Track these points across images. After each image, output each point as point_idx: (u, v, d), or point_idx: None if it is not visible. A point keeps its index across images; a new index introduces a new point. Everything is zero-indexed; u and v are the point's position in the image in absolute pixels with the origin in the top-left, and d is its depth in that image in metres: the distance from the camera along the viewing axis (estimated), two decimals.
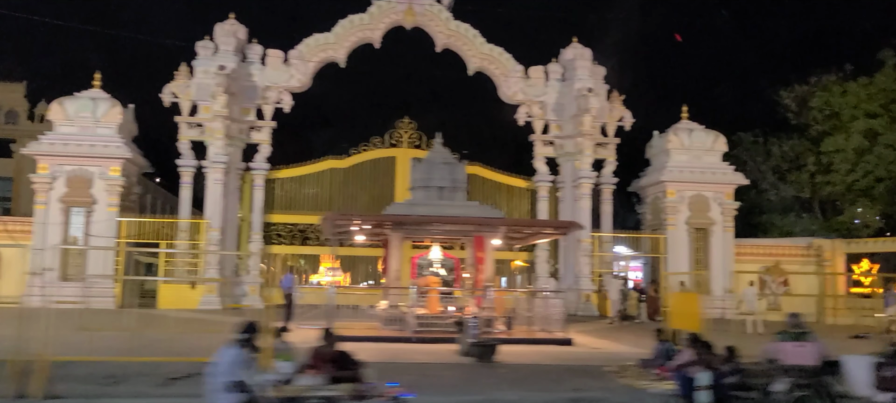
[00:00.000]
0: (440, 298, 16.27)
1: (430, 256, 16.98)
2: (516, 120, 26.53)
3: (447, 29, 25.92)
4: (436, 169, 16.49)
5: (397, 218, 14.71)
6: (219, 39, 24.46)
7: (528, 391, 8.32)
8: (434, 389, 8.31)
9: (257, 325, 6.10)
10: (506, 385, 8.77)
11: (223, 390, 5.38)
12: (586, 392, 8.25)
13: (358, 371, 7.16)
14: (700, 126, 26.20)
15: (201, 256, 23.28)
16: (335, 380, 6.87)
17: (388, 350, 12.82)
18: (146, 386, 8.91)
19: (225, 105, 23.30)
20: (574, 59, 26.14)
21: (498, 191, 26.60)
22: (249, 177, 24.94)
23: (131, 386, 8.86)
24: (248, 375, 5.48)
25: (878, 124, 24.51)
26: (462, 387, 8.52)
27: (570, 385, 8.66)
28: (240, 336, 5.75)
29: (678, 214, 25.38)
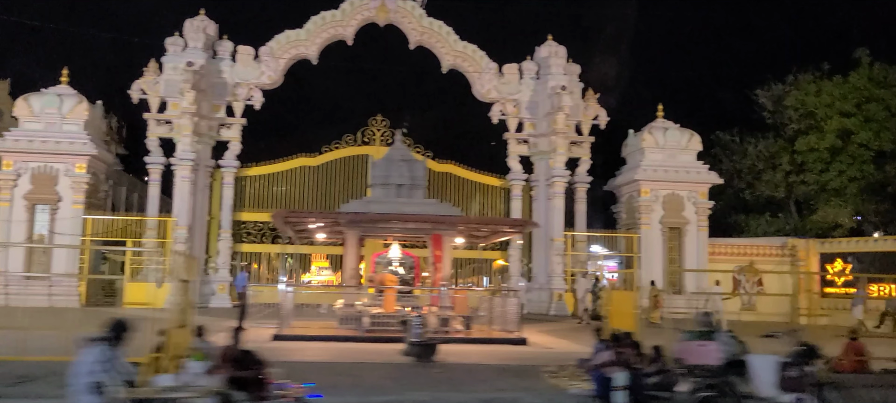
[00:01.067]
0: (398, 297, 16.05)
1: (390, 255, 16.76)
2: (490, 118, 26.33)
3: (420, 26, 25.70)
4: (394, 166, 16.28)
5: (348, 216, 14.49)
6: (188, 35, 24.22)
7: (446, 391, 8.12)
8: (354, 389, 8.11)
9: (125, 323, 5.88)
10: (429, 384, 8.56)
11: (84, 391, 5.17)
12: (505, 393, 8.05)
13: (260, 371, 6.94)
14: (675, 124, 26.05)
15: (167, 254, 22.99)
16: (232, 380, 6.65)
17: (334, 350, 12.62)
18: None
19: (193, 101, 23.04)
20: (548, 57, 25.97)
21: (472, 190, 26.40)
22: (219, 175, 24.71)
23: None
24: (109, 375, 5.27)
25: (852, 123, 24.34)
26: (383, 387, 8.31)
27: (495, 386, 8.46)
28: (104, 334, 5.54)
29: (652, 213, 25.21)
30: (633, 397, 7.11)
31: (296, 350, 12.14)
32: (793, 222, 27.03)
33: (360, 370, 9.93)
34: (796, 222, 26.92)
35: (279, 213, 14.60)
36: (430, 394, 7.88)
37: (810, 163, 25.23)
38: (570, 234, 25.37)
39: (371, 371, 9.84)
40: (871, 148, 24.18)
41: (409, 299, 15.95)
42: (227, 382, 6.62)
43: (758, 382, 6.55)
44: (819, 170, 24.84)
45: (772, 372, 6.50)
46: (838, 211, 24.73)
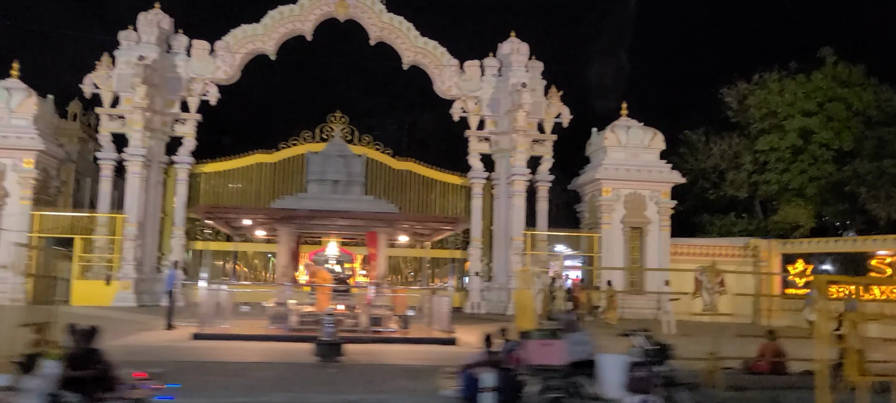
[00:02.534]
0: (335, 295, 15.70)
1: (327, 252, 16.41)
2: (451, 115, 26.00)
3: (380, 21, 25.36)
4: (331, 162, 15.95)
5: (279, 211, 14.14)
6: (141, 29, 23.81)
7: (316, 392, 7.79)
8: (225, 389, 7.77)
9: None
10: (311, 384, 8.23)
11: None
12: (379, 395, 7.73)
13: (102, 371, 6.58)
14: (638, 123, 25.75)
15: (116, 251, 22.63)
16: (69, 381, 6.30)
17: (250, 349, 12.28)
18: None
19: (145, 96, 22.68)
20: (510, 54, 25.61)
21: (432, 188, 26.07)
22: (173, 171, 24.32)
23: None
24: None
25: (813, 123, 24.07)
26: (257, 387, 7.97)
27: (375, 387, 8.14)
28: None
29: (613, 213, 24.92)
30: (502, 397, 6.78)
31: (206, 350, 11.80)
32: (755, 222, 26.75)
33: (256, 369, 9.59)
34: (759, 222, 26.65)
35: (201, 208, 14.25)
36: (292, 395, 7.55)
37: (772, 163, 24.96)
38: (531, 233, 25.04)
39: (266, 370, 9.51)
40: (831, 147, 23.91)
41: (346, 297, 15.59)
42: (61, 382, 6.27)
43: (605, 383, 6.24)
44: (780, 170, 24.57)
45: (620, 373, 6.19)
46: (799, 211, 24.45)
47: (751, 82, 26.87)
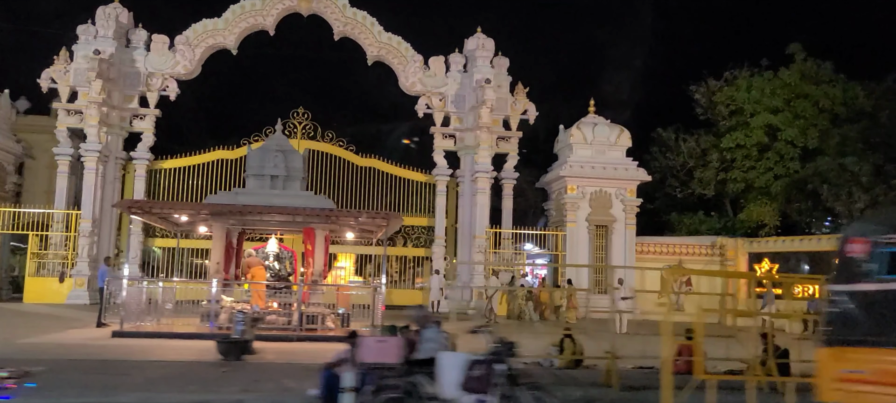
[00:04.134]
0: (274, 292, 15.39)
1: (267, 248, 16.10)
2: (416, 112, 25.69)
3: (344, 16, 25.05)
4: (269, 156, 15.62)
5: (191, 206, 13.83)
6: (99, 23, 23.51)
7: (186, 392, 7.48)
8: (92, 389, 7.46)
9: None
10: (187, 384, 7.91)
11: None
12: (247, 395, 7.42)
13: None
14: (605, 120, 25.45)
15: (71, 248, 22.34)
16: None
17: (167, 347, 11.96)
18: None
19: (101, 91, 22.38)
20: (475, 50, 25.29)
21: (397, 186, 25.71)
22: (132, 168, 24.02)
23: None
24: None
25: (779, 120, 23.71)
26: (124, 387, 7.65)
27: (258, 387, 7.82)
28: None
29: (578, 211, 24.60)
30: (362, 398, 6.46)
31: (115, 348, 11.51)
32: (723, 221, 26.41)
33: (148, 368, 9.29)
34: (726, 221, 26.31)
35: (123, 203, 13.94)
36: (146, 395, 7.24)
37: (739, 161, 24.62)
38: (495, 231, 24.72)
39: (158, 369, 9.21)
40: (797, 145, 23.56)
41: (284, 295, 15.28)
42: None
43: (443, 382, 5.92)
44: (746, 168, 24.23)
45: (458, 372, 5.89)
46: (763, 209, 24.09)
47: (721, 79, 26.52)
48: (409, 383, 5.95)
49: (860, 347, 4.17)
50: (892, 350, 3.97)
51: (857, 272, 4.34)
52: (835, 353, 4.36)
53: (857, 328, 4.24)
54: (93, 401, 6.83)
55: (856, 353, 4.19)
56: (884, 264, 4.17)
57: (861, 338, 4.17)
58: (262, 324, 13.89)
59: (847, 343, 4.28)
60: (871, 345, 4.07)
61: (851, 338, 4.26)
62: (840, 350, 4.32)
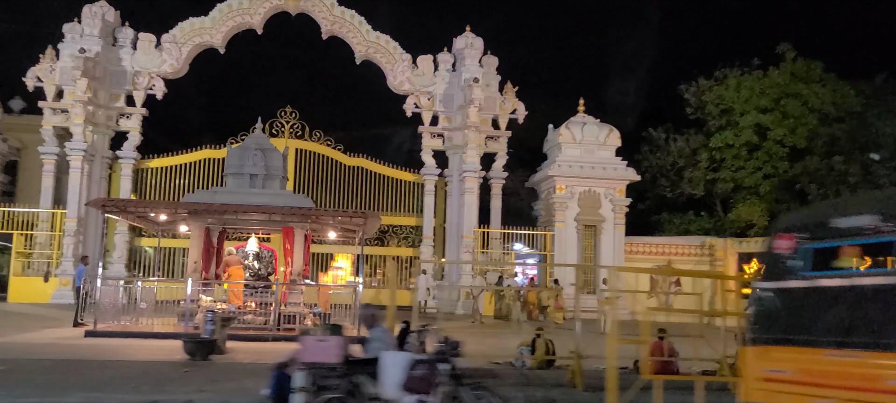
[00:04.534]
0: (254, 292, 15.28)
1: (247, 248, 16.00)
2: (405, 111, 25.57)
3: (332, 15, 24.94)
4: (249, 155, 15.53)
5: (163, 205, 13.72)
6: (85, 21, 23.41)
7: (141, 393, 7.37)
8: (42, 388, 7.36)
9: None
10: (143, 384, 7.81)
11: None
12: (200, 395, 7.31)
13: None
14: (595, 120, 25.32)
15: (55, 247, 22.24)
16: None
17: (139, 347, 11.86)
18: None
19: (86, 89, 22.28)
20: (464, 49, 25.18)
21: (385, 185, 25.59)
22: (118, 167, 23.92)
23: None
24: None
25: (768, 119, 23.58)
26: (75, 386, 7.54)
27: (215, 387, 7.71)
28: None
29: (567, 210, 24.47)
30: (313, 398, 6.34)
31: (84, 348, 11.43)
32: (713, 221, 26.28)
33: (111, 367, 9.19)
34: (715, 221, 26.17)
35: (98, 201, 13.83)
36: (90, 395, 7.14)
37: (728, 161, 24.50)
38: (483, 231, 24.61)
39: (121, 368, 9.11)
40: (786, 144, 23.43)
41: (263, 294, 15.16)
42: None
43: (385, 382, 5.81)
44: (735, 168, 24.10)
45: (400, 372, 5.77)
46: (752, 209, 23.96)
47: (711, 79, 26.38)
48: (351, 383, 5.84)
49: (784, 346, 4.07)
50: (814, 349, 3.86)
51: (783, 269, 4.24)
52: (759, 352, 4.25)
53: (781, 326, 4.14)
54: (38, 401, 6.72)
55: (779, 352, 4.08)
56: (809, 260, 4.06)
57: (784, 337, 4.06)
58: (238, 324, 13.79)
59: (771, 341, 4.17)
60: (794, 344, 3.97)
61: (775, 337, 4.16)
62: (764, 349, 4.21)
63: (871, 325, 3.67)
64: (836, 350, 3.71)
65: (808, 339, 3.90)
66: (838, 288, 3.92)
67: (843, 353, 3.67)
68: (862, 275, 3.78)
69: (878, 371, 3.51)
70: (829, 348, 3.75)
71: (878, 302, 3.69)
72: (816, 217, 4.58)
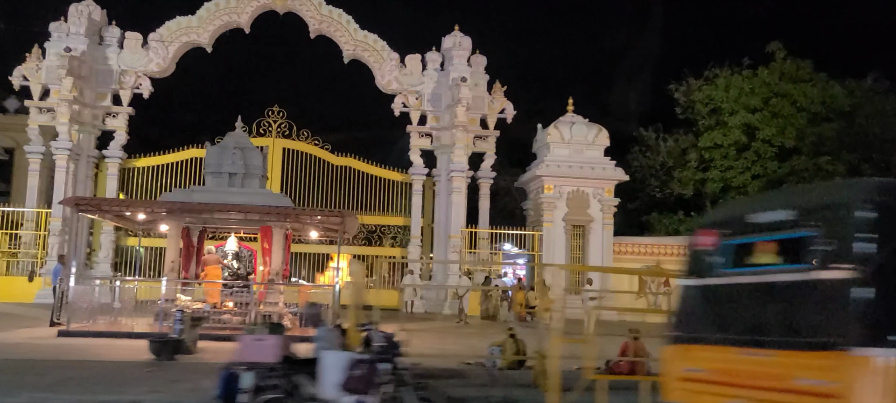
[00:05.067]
0: (232, 291, 15.18)
1: (226, 247, 15.90)
2: (393, 110, 25.46)
3: (319, 14, 24.86)
4: (227, 154, 15.43)
5: (138, 203, 13.64)
6: (71, 20, 23.33)
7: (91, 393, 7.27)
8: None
9: None
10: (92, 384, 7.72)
11: None
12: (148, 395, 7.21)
13: None
14: (583, 119, 25.22)
15: (40, 247, 22.17)
16: None
17: (112, 347, 11.77)
18: None
19: (72, 88, 22.21)
20: (452, 48, 25.07)
21: (373, 185, 25.49)
22: (105, 166, 23.85)
23: None
24: None
25: (757, 119, 23.46)
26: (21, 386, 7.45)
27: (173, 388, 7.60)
28: None
29: (555, 210, 24.37)
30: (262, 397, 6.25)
31: (54, 348, 11.34)
32: None
33: (74, 367, 9.09)
34: None
35: (71, 199, 13.74)
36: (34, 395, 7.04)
37: (717, 160, 24.39)
38: (471, 231, 24.51)
39: (85, 368, 9.01)
40: (774, 144, 23.32)
41: (241, 294, 15.06)
42: None
43: (324, 382, 5.72)
44: (724, 168, 23.99)
45: (340, 371, 5.68)
46: None
47: (701, 78, 26.27)
48: (291, 383, 5.75)
49: (701, 344, 3.97)
50: (729, 347, 3.77)
51: (703, 266, 4.15)
52: (679, 351, 4.15)
53: (701, 325, 4.05)
54: None
55: (699, 351, 3.99)
56: (726, 257, 3.97)
57: (703, 336, 3.97)
58: (215, 323, 13.70)
59: (690, 340, 4.08)
60: (711, 343, 3.87)
61: (695, 336, 4.06)
62: (684, 348, 4.12)
63: (780, 323, 3.58)
64: (749, 348, 3.61)
65: (724, 338, 3.81)
66: (751, 285, 3.83)
67: (755, 352, 3.57)
68: (773, 272, 3.69)
69: (785, 369, 3.41)
70: (743, 346, 3.66)
71: (786, 299, 3.61)
72: (735, 212, 4.49)
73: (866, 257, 3.23)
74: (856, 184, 3.89)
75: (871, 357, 3.04)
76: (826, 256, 3.41)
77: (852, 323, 3.18)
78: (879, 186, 3.61)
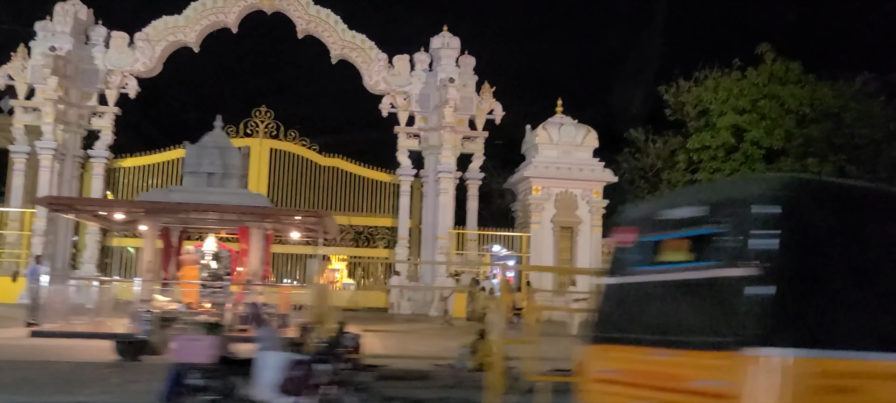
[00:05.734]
0: (212, 292, 15.05)
1: (204, 248, 15.76)
2: (380, 111, 25.36)
3: (307, 14, 24.76)
4: (206, 154, 15.28)
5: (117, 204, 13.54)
6: (57, 19, 23.22)
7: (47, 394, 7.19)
8: None
9: None
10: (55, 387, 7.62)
11: None
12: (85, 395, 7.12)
13: None
14: (572, 120, 25.11)
15: (24, 247, 22.06)
16: None
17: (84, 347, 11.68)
18: None
19: (57, 88, 22.12)
20: (440, 48, 24.97)
21: (360, 186, 25.40)
22: (91, 166, 23.74)
23: None
24: None
25: (745, 121, 23.35)
26: None
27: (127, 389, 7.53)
28: None
29: (543, 212, 24.26)
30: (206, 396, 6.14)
31: (23, 348, 11.23)
32: None
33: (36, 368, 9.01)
34: None
35: (45, 199, 13.64)
36: None
37: (706, 162, 24.28)
38: (459, 232, 24.40)
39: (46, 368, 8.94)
40: (762, 146, 23.21)
41: (220, 295, 14.93)
42: None
43: (260, 383, 5.61)
44: (712, 170, 23.87)
45: (276, 372, 5.57)
46: None
47: (690, 79, 26.15)
48: (225, 384, 5.64)
49: (614, 345, 3.87)
50: (637, 348, 3.66)
51: (619, 264, 4.04)
52: (594, 351, 4.05)
53: (614, 324, 3.94)
54: None
55: (611, 352, 3.88)
56: (640, 255, 3.86)
57: (617, 336, 3.87)
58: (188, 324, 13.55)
59: (605, 340, 3.97)
60: (623, 343, 3.77)
61: (608, 336, 3.96)
62: (599, 349, 4.01)
63: (683, 322, 3.48)
64: (655, 348, 3.51)
65: (634, 337, 3.71)
66: (658, 283, 3.73)
67: (660, 352, 3.47)
68: (679, 270, 3.59)
69: (686, 370, 3.30)
70: (650, 346, 3.55)
71: (689, 297, 3.50)
72: (651, 209, 4.39)
73: (765, 254, 3.12)
74: (760, 179, 3.79)
75: (763, 357, 2.93)
76: (727, 253, 3.30)
77: (746, 322, 3.07)
78: (783, 182, 3.51)
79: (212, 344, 5.78)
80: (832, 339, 2.99)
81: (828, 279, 3.10)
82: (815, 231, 3.19)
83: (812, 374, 2.91)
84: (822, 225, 3.20)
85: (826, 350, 2.95)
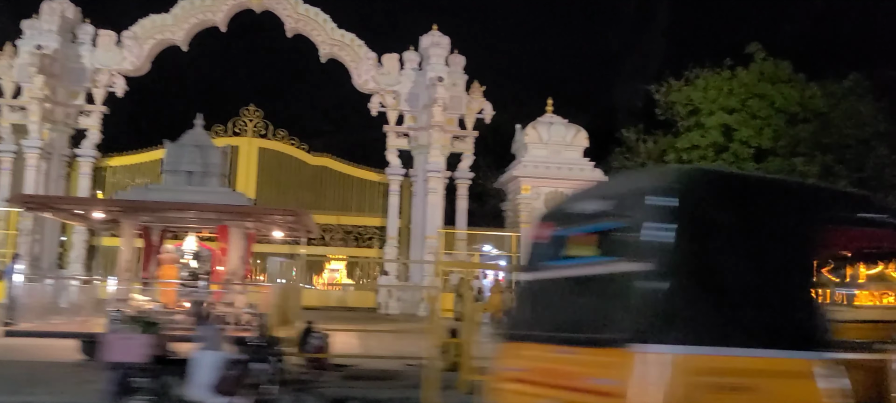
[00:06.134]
0: (190, 292, 14.93)
1: (184, 247, 15.66)
2: (370, 110, 25.25)
3: (296, 12, 24.67)
4: (186, 152, 15.15)
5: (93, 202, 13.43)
6: (44, 18, 23.14)
7: None
8: None
9: None
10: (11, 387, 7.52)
11: None
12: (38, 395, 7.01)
13: None
14: (562, 120, 24.99)
15: (10, 247, 21.93)
16: None
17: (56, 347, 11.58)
18: None
19: (43, 86, 22.05)
20: (430, 47, 24.86)
21: (350, 185, 25.30)
22: (78, 165, 23.65)
23: None
24: None
25: (735, 120, 23.23)
26: None
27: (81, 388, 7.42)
28: None
29: (533, 211, 24.08)
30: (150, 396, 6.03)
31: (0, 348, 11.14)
32: None
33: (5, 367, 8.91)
34: None
35: (18, 197, 13.54)
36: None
37: (696, 162, 24.14)
38: (447, 232, 24.27)
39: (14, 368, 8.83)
40: (751, 145, 23.08)
41: (199, 294, 14.81)
42: None
43: (194, 383, 5.50)
44: None
45: (212, 372, 5.46)
46: None
47: (681, 79, 26.02)
48: (159, 384, 5.53)
49: (524, 342, 3.75)
50: (543, 345, 3.55)
51: (535, 259, 3.93)
52: (506, 349, 3.93)
53: (527, 321, 3.83)
54: None
55: (521, 349, 3.77)
56: (553, 251, 3.75)
57: (526, 333, 3.75)
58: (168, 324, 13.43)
59: (517, 338, 3.85)
60: (532, 340, 3.65)
61: (522, 333, 3.84)
62: (511, 346, 3.89)
63: (580, 319, 3.37)
64: (556, 346, 3.39)
65: (542, 335, 3.59)
66: (562, 279, 3.62)
67: (562, 350, 3.35)
68: (580, 266, 3.47)
69: (583, 368, 3.19)
70: (553, 344, 3.44)
71: (588, 293, 3.39)
72: (565, 204, 4.27)
73: (656, 248, 3.00)
74: (654, 172, 3.68)
75: (650, 354, 2.81)
76: (625, 247, 3.18)
77: (634, 319, 2.95)
78: (680, 173, 3.39)
79: (145, 343, 5.67)
80: (723, 336, 2.87)
81: (722, 274, 2.98)
82: (712, 225, 3.06)
83: (700, 372, 2.79)
84: (719, 219, 3.07)
85: (716, 347, 2.83)
